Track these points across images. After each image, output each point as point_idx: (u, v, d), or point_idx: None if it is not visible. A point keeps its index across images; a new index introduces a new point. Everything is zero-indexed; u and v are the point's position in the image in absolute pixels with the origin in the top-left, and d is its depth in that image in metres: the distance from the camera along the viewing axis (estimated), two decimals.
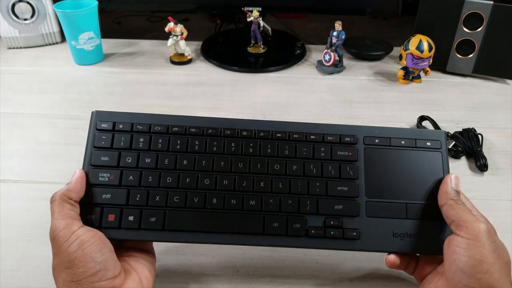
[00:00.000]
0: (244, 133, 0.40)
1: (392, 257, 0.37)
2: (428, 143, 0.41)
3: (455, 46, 0.79)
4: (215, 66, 0.85)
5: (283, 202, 0.38)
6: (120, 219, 0.36)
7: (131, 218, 0.36)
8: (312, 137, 0.41)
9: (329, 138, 0.41)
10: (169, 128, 0.39)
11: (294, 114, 0.69)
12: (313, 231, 0.37)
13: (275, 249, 0.45)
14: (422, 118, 0.65)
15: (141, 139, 0.39)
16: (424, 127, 0.64)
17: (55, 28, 0.92)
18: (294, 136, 0.40)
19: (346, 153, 0.40)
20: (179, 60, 0.86)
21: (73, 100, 0.73)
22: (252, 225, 0.37)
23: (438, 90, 0.77)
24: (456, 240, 0.33)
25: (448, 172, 0.39)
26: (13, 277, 0.42)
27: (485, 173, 0.56)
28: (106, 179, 0.38)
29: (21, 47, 0.92)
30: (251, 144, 0.40)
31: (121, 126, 0.39)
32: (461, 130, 0.62)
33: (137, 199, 0.37)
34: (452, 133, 0.61)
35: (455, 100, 0.73)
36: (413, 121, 0.66)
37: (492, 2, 0.73)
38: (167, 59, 0.87)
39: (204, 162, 0.38)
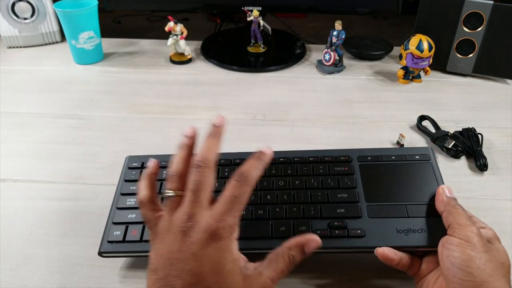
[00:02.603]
0: None
1: (385, 249, 0.38)
2: (417, 157, 0.45)
3: (455, 46, 0.79)
4: (215, 66, 0.85)
5: (288, 210, 0.41)
6: (142, 233, 0.41)
7: None
8: (310, 158, 0.46)
9: (326, 158, 0.46)
10: None
11: (294, 114, 0.69)
12: (318, 232, 0.39)
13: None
14: (422, 118, 0.65)
15: (165, 172, 0.44)
16: (424, 127, 0.64)
17: (55, 28, 0.92)
18: (295, 159, 0.46)
19: (343, 168, 0.44)
20: (179, 60, 0.86)
21: (73, 100, 0.73)
22: (260, 230, 0.40)
23: (438, 90, 0.77)
24: (449, 239, 0.35)
25: (441, 178, 0.43)
26: (13, 277, 0.42)
27: (485, 173, 0.56)
28: (133, 203, 0.43)
29: (21, 47, 0.92)
30: None
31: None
32: (461, 129, 0.62)
33: None
34: (452, 132, 0.61)
35: (455, 99, 0.73)
36: (413, 121, 0.66)
37: (492, 2, 0.73)
38: (167, 59, 0.87)
39: (216, 184, 0.41)
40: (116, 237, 0.41)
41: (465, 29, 0.77)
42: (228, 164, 0.47)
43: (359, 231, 0.39)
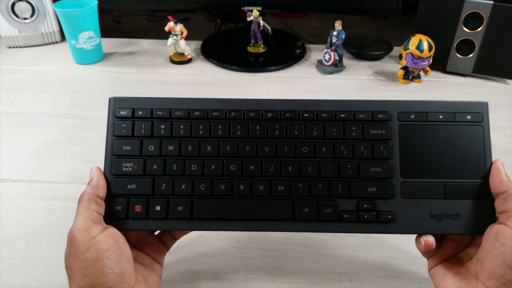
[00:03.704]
0: (269, 114, 0.38)
1: (431, 239, 0.35)
2: (469, 117, 0.38)
3: (455, 46, 0.79)
4: (215, 66, 0.85)
5: (313, 186, 0.36)
6: (147, 209, 0.36)
7: (158, 208, 0.36)
8: (342, 115, 0.38)
9: (360, 116, 0.38)
10: (190, 113, 0.38)
11: None
12: (345, 216, 0.35)
13: (275, 248, 0.45)
14: None
15: (162, 126, 0.38)
16: None
17: (55, 27, 0.92)
18: (323, 115, 0.38)
19: (379, 132, 0.38)
20: (179, 60, 0.86)
21: (72, 99, 0.73)
22: (281, 211, 0.36)
23: (438, 90, 0.77)
24: (508, 233, 0.31)
25: (490, 148, 0.37)
26: (12, 277, 0.42)
27: None
28: (130, 169, 0.37)
29: (21, 46, 0.92)
30: (277, 126, 0.38)
31: (140, 112, 0.38)
32: None
33: (162, 188, 0.36)
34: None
35: (455, 99, 0.73)
36: None
37: (492, 2, 0.73)
38: (167, 59, 0.87)
39: (228, 147, 0.37)
40: (118, 214, 0.35)
41: (465, 29, 0.77)
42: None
43: (389, 216, 0.35)
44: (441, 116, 0.38)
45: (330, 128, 0.37)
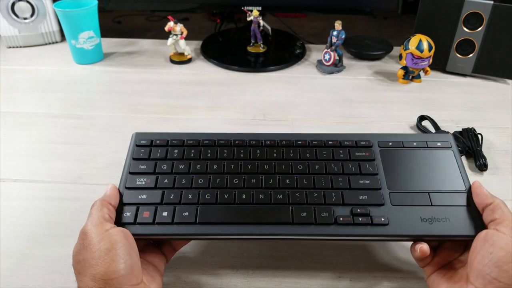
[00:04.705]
0: (268, 142, 0.45)
1: (425, 246, 0.36)
2: (439, 143, 0.44)
3: (455, 46, 0.79)
4: (215, 66, 0.85)
5: (309, 195, 0.40)
6: (154, 215, 0.38)
7: (165, 213, 0.38)
8: (330, 142, 0.44)
9: (346, 143, 0.44)
10: (200, 142, 0.44)
11: (294, 114, 0.69)
12: (341, 219, 0.38)
13: (275, 248, 0.45)
14: (422, 118, 0.65)
15: (176, 151, 0.43)
16: (424, 127, 0.64)
17: (55, 27, 0.92)
18: (313, 142, 0.44)
19: (364, 154, 0.43)
20: (179, 60, 0.86)
21: (72, 99, 0.73)
22: (281, 215, 0.38)
23: (438, 90, 0.77)
24: (496, 235, 0.33)
25: (463, 167, 0.42)
26: (12, 276, 0.42)
27: (485, 173, 0.56)
28: (143, 182, 0.41)
29: (20, 46, 0.92)
30: (275, 151, 0.43)
31: (158, 141, 0.44)
32: (460, 129, 0.62)
33: (171, 197, 0.39)
34: (451, 132, 0.61)
35: (455, 99, 0.73)
36: (413, 121, 0.66)
37: (492, 2, 0.73)
38: (167, 59, 0.87)
39: (232, 166, 0.42)
40: (126, 219, 0.38)
41: (465, 29, 0.77)
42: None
43: (383, 219, 0.38)
44: (415, 143, 0.44)
45: (321, 151, 0.43)
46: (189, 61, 0.86)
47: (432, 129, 0.63)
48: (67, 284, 0.41)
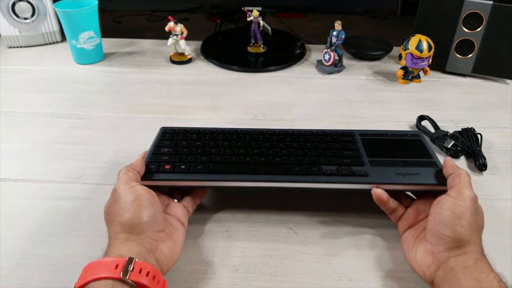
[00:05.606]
0: (268, 132, 0.54)
1: (379, 190, 0.44)
2: (409, 135, 0.54)
3: (454, 46, 0.79)
4: (215, 66, 0.85)
5: (302, 160, 0.48)
6: (174, 167, 0.47)
7: (183, 166, 0.47)
8: (319, 133, 0.54)
9: (332, 133, 0.54)
10: (214, 131, 0.54)
11: (294, 114, 0.69)
12: (328, 171, 0.46)
13: (275, 248, 0.45)
14: (422, 118, 0.65)
15: (194, 135, 0.53)
16: (424, 127, 0.64)
17: (55, 27, 0.92)
18: (306, 133, 0.54)
19: (347, 138, 0.53)
20: (179, 60, 0.86)
21: (73, 99, 0.73)
22: (278, 168, 0.47)
23: (437, 90, 0.77)
24: (445, 199, 0.39)
25: (434, 151, 0.50)
26: (12, 276, 0.42)
27: (484, 172, 0.56)
28: (166, 150, 0.50)
29: (21, 46, 0.92)
30: (274, 137, 0.53)
31: (179, 131, 0.54)
32: (460, 129, 0.62)
33: (188, 158, 0.49)
34: (451, 132, 0.61)
35: (454, 100, 0.73)
36: (413, 121, 0.66)
37: (491, 2, 0.73)
38: (167, 59, 0.87)
39: (239, 143, 0.52)
40: (152, 170, 0.47)
41: (464, 29, 0.77)
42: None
43: (363, 172, 0.46)
44: (389, 135, 0.54)
45: (312, 138, 0.53)
46: (189, 61, 0.86)
47: (432, 129, 0.63)
48: (67, 284, 0.41)
